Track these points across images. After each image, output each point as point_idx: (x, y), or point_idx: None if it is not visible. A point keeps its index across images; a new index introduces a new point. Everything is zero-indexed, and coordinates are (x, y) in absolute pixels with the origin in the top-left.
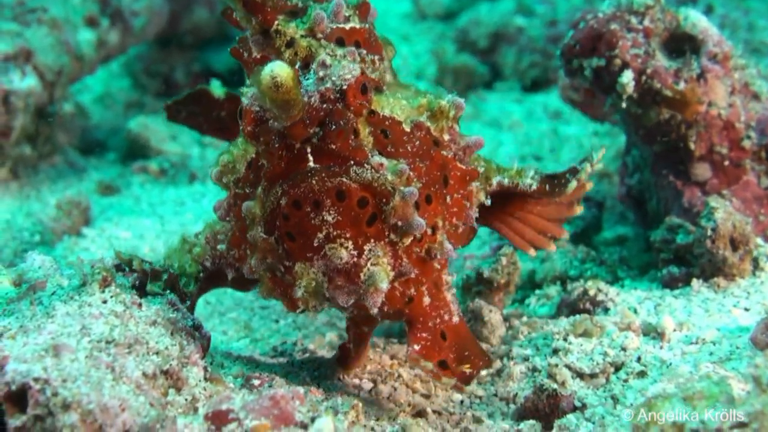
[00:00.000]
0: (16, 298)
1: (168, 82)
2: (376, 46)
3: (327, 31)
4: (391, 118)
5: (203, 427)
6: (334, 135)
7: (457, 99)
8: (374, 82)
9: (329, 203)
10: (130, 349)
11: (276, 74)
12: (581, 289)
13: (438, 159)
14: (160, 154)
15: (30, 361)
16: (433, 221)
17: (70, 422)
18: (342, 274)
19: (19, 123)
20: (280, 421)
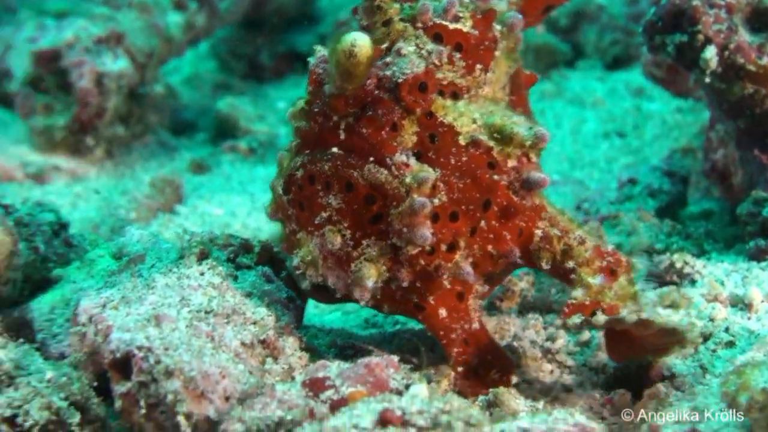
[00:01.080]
0: (117, 271)
1: (253, 63)
2: (483, 56)
3: (428, 24)
4: (449, 126)
5: (301, 394)
6: (368, 121)
7: (541, 131)
8: (450, 86)
9: (337, 189)
10: (228, 319)
11: (356, 44)
12: (668, 262)
13: (484, 181)
14: (248, 133)
15: (133, 330)
16: (451, 239)
17: (173, 389)
18: (334, 257)
19: (112, 104)
20: (375, 387)
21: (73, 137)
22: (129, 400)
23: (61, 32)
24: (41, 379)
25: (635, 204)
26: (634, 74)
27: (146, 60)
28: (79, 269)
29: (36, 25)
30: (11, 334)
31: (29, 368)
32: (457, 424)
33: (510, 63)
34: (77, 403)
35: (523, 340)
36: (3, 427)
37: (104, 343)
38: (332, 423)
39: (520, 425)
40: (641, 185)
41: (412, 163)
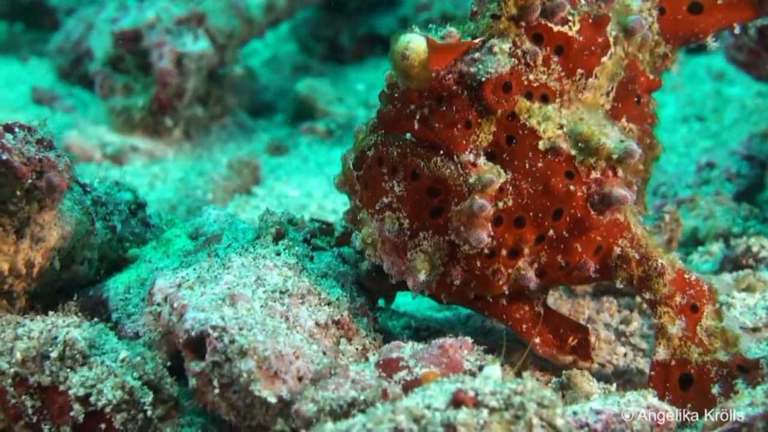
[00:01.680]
0: (193, 251)
1: (334, 45)
2: (587, 61)
3: (532, 23)
4: (531, 130)
5: (374, 374)
6: (441, 116)
7: (631, 146)
8: (541, 88)
9: (402, 176)
10: (303, 300)
11: (409, 47)
12: (744, 246)
13: (557, 190)
14: (326, 115)
15: (208, 310)
16: (514, 244)
17: (247, 368)
18: (391, 243)
19: (192, 85)
20: (449, 369)
21: (151, 118)
22: (203, 379)
23: (142, 13)
24: (115, 358)
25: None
26: (715, 59)
27: (226, 41)
28: (155, 249)
29: (117, 5)
30: (86, 313)
31: (103, 347)
32: (530, 405)
33: (618, 69)
34: (150, 382)
35: (597, 323)
36: (76, 405)
37: (179, 322)
38: (405, 403)
39: (593, 407)
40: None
41: (480, 163)
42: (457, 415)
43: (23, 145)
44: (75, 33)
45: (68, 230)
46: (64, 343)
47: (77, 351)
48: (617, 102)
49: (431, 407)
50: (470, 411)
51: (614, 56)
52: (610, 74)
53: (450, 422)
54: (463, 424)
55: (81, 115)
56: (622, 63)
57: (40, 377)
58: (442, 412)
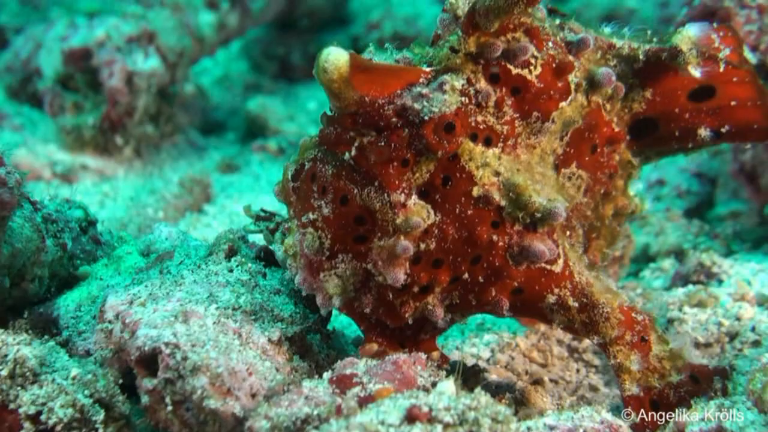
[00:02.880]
0: (145, 268)
1: (285, 64)
2: (544, 105)
3: (491, 62)
4: (468, 174)
5: (328, 390)
6: (378, 151)
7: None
8: (486, 131)
9: (332, 198)
10: (255, 316)
11: (328, 61)
12: (696, 261)
13: (481, 240)
14: (278, 133)
15: (160, 326)
16: (426, 283)
17: (200, 385)
18: (307, 260)
19: (142, 103)
20: (402, 384)
21: (102, 136)
22: (155, 396)
23: (92, 31)
24: (66, 376)
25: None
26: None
27: (177, 59)
28: (106, 266)
29: (67, 23)
30: (37, 331)
31: (54, 365)
32: (484, 421)
33: (577, 117)
34: (102, 400)
35: (550, 339)
36: (27, 424)
37: (131, 339)
38: (359, 419)
39: (547, 422)
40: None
41: (410, 204)
42: (412, 430)
43: None
44: (24, 51)
45: (18, 247)
46: (14, 361)
47: (27, 369)
48: (570, 147)
49: (385, 423)
50: (424, 426)
51: (574, 102)
52: (568, 120)
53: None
54: None
55: (30, 133)
56: (582, 111)
57: None
58: (396, 427)
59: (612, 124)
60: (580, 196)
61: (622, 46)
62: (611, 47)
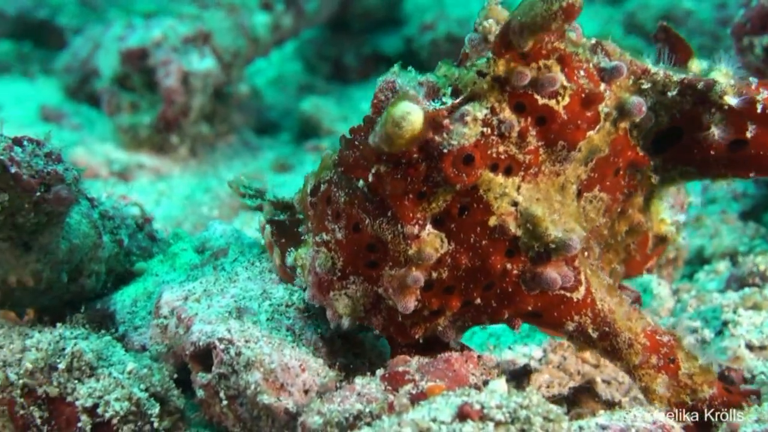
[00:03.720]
0: (200, 264)
1: (338, 65)
2: (571, 135)
3: (517, 90)
4: (486, 204)
5: (380, 387)
6: (395, 182)
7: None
8: (507, 160)
9: (344, 224)
10: (308, 313)
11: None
12: (751, 265)
13: (494, 269)
14: (331, 133)
15: (215, 322)
16: (438, 308)
17: (254, 380)
18: (317, 278)
19: (198, 103)
20: (454, 382)
21: (158, 135)
22: (209, 391)
23: (148, 31)
24: (122, 370)
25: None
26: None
27: (232, 60)
28: (161, 262)
29: (124, 24)
30: (94, 325)
31: (111, 359)
32: (536, 420)
33: (603, 145)
34: (157, 394)
35: None
36: (84, 417)
37: (186, 335)
38: (411, 416)
39: (599, 422)
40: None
41: (423, 235)
42: (463, 428)
43: (32, 158)
44: (82, 51)
45: (76, 243)
46: (72, 355)
47: (85, 362)
48: (594, 172)
49: (437, 420)
50: (476, 424)
51: (602, 131)
52: (594, 148)
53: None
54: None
55: (88, 132)
56: (608, 138)
57: (48, 388)
58: (448, 425)
59: (637, 149)
60: (600, 219)
61: (657, 71)
62: (645, 72)
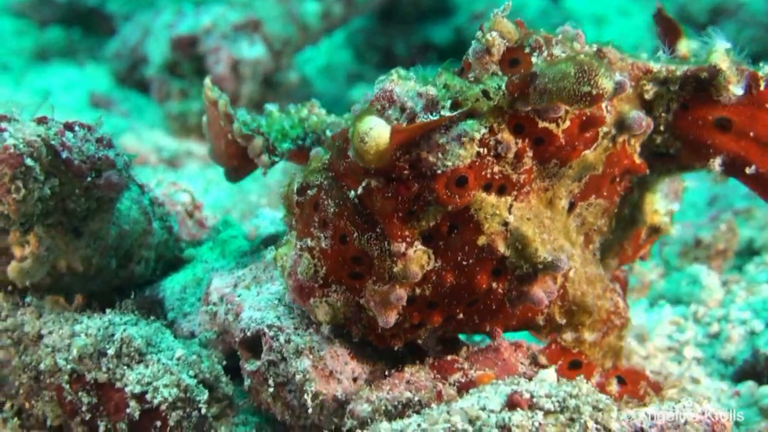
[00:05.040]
0: (250, 251)
1: (388, 54)
2: (566, 155)
3: (519, 114)
4: (476, 223)
5: (429, 376)
6: (384, 200)
7: (558, 262)
8: (500, 180)
9: (331, 234)
10: None
11: (369, 135)
12: None
13: (479, 288)
14: None
15: (264, 309)
16: (419, 322)
17: (303, 368)
18: (298, 283)
19: (247, 90)
20: (503, 371)
21: None
22: (258, 378)
23: (198, 18)
24: (171, 356)
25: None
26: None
27: (282, 47)
28: (211, 249)
29: (174, 11)
30: (143, 312)
31: (159, 345)
32: (585, 409)
33: (598, 163)
34: (206, 381)
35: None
36: (132, 402)
37: (235, 321)
38: (460, 404)
39: (648, 412)
40: None
41: (410, 253)
42: (512, 416)
43: (83, 143)
44: (132, 38)
45: (126, 229)
46: (121, 341)
47: (134, 348)
48: (589, 186)
49: (486, 408)
50: (525, 413)
51: (599, 148)
52: (588, 165)
53: (505, 424)
54: (518, 425)
55: (137, 119)
56: (605, 154)
57: (97, 374)
58: (497, 413)
59: (634, 156)
60: (598, 221)
61: (660, 69)
62: (648, 72)
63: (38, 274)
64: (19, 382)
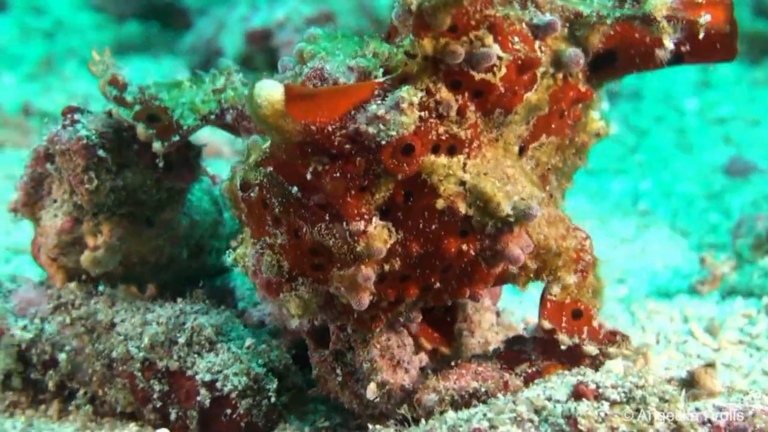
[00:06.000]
0: None
1: None
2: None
3: (451, 68)
4: (431, 187)
5: (496, 366)
6: (333, 180)
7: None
8: (449, 140)
9: (285, 230)
10: None
11: (261, 96)
12: None
13: (449, 252)
14: None
15: None
16: (395, 298)
17: (370, 357)
18: (264, 281)
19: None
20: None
21: None
22: (326, 367)
23: (272, 12)
24: (241, 345)
25: None
26: None
27: None
28: None
29: (249, 5)
30: (214, 301)
31: (230, 334)
32: (651, 400)
33: (542, 103)
34: (275, 369)
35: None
36: (203, 390)
37: None
38: (527, 395)
39: (716, 403)
40: None
41: (369, 229)
42: (578, 407)
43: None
44: (207, 32)
45: (197, 220)
46: (192, 329)
47: (204, 337)
48: (537, 126)
49: (552, 399)
50: (591, 403)
51: (540, 88)
52: (533, 107)
53: (571, 414)
54: (584, 416)
55: None
56: (547, 93)
57: (168, 362)
58: (563, 404)
59: (578, 86)
60: (552, 159)
61: (590, 15)
62: (578, 16)
63: (111, 263)
64: (92, 369)
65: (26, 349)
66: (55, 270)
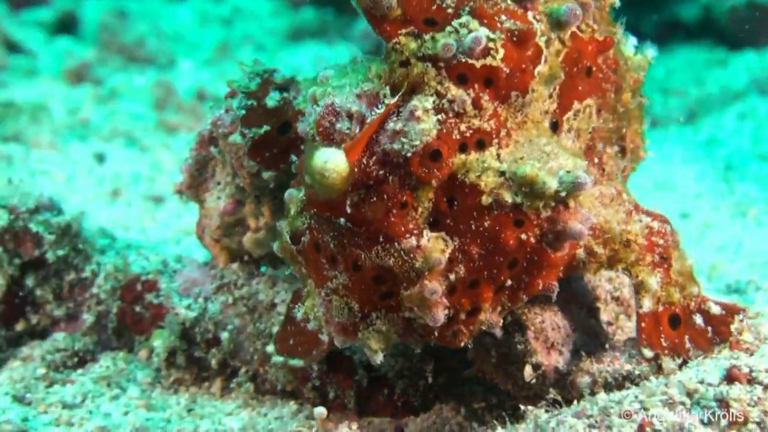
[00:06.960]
0: None
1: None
2: (520, 81)
3: (451, 63)
4: (471, 186)
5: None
6: (373, 206)
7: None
8: (475, 135)
9: (343, 267)
10: None
11: (327, 169)
12: None
13: (509, 245)
14: None
15: None
16: (471, 306)
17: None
18: (340, 326)
19: None
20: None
21: None
22: (481, 349)
23: None
24: None
25: None
26: None
27: None
28: None
29: None
30: None
31: None
32: None
33: (556, 70)
34: (431, 351)
35: None
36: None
37: None
38: (679, 377)
39: None
40: None
41: (423, 243)
42: (730, 390)
43: None
44: None
45: None
46: None
47: None
48: (563, 94)
49: (704, 382)
50: (743, 387)
51: (550, 57)
52: (549, 78)
53: (723, 397)
54: (736, 399)
55: None
56: (559, 58)
57: None
58: (715, 387)
59: (595, 35)
60: (593, 122)
61: None
62: None
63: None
64: (253, 348)
65: (190, 328)
66: (219, 251)
